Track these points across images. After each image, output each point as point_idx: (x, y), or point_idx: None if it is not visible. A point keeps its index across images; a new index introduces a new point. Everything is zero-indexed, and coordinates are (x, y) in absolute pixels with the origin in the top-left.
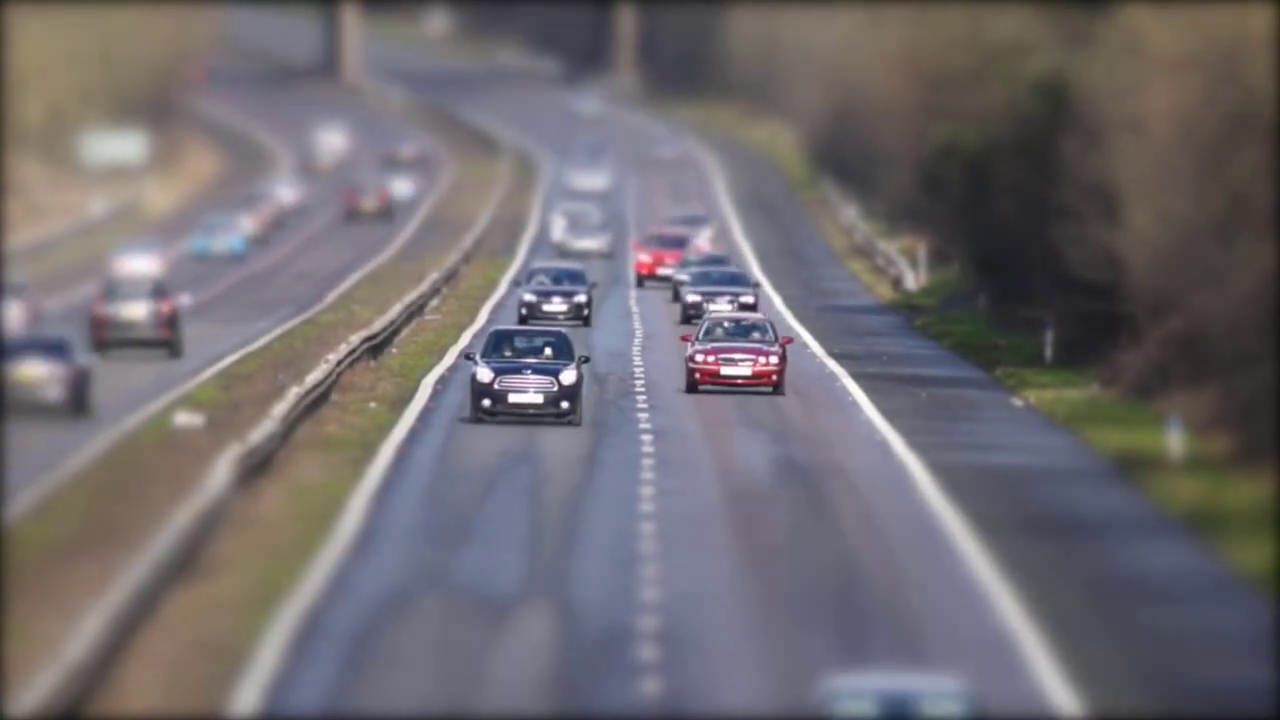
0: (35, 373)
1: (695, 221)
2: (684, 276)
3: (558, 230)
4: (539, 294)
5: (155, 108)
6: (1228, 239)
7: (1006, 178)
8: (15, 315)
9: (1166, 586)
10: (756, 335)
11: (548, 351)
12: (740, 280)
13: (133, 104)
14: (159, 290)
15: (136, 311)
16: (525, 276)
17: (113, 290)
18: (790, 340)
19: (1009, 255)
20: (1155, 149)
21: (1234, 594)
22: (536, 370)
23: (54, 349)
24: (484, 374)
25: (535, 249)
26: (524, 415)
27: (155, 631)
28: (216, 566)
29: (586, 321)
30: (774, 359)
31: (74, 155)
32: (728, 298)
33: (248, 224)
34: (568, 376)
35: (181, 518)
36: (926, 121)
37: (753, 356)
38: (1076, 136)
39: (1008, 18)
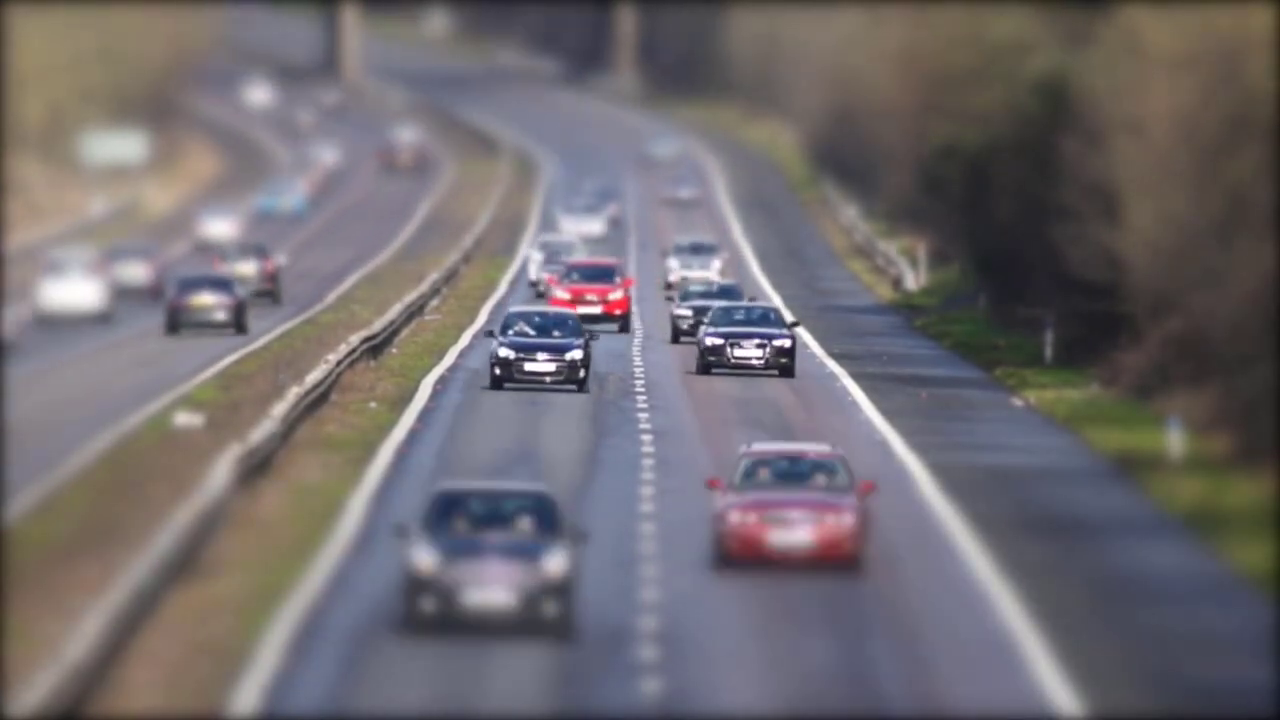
0: (208, 301)
1: (703, 251)
2: (683, 311)
3: (534, 268)
4: (518, 349)
5: (155, 108)
6: (1228, 239)
7: (1006, 178)
8: (140, 273)
9: (1166, 586)
10: (821, 479)
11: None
12: (773, 320)
13: (133, 104)
14: (261, 250)
15: (247, 269)
16: (500, 325)
17: (225, 254)
18: (873, 487)
19: (1009, 255)
20: (1155, 149)
21: (1234, 594)
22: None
23: (220, 284)
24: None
25: (513, 289)
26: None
27: (155, 631)
28: (216, 566)
29: (581, 386)
30: (848, 518)
31: (74, 155)
32: (756, 341)
33: (303, 186)
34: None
35: (181, 518)
36: (926, 121)
37: (816, 514)
38: (1076, 136)
39: (1008, 18)
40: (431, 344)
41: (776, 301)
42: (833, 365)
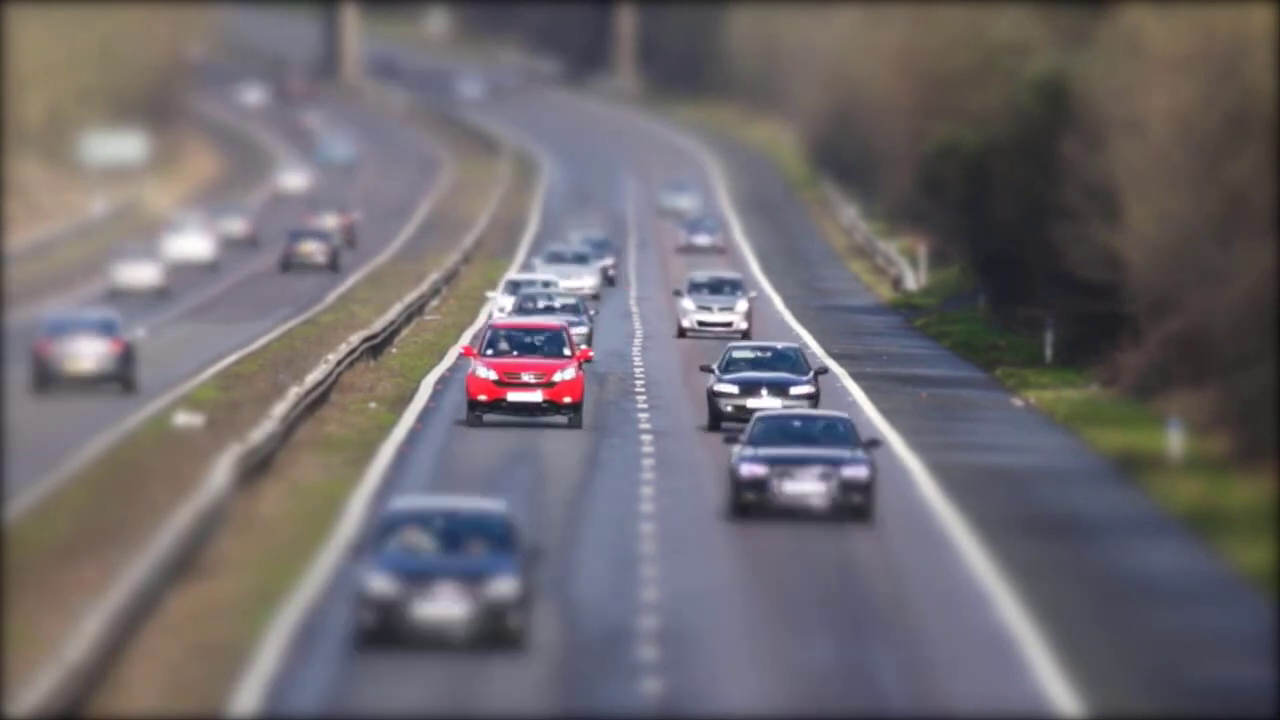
0: (311, 248)
1: (725, 289)
2: (728, 387)
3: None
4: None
5: (155, 108)
6: (1228, 239)
7: (1006, 178)
8: (240, 226)
9: (1166, 587)
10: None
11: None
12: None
13: (132, 104)
14: (340, 207)
15: (330, 222)
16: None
17: (314, 208)
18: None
19: (1009, 255)
20: (1155, 149)
21: (1234, 594)
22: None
23: (320, 235)
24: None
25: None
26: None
27: (155, 631)
28: (216, 566)
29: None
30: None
31: (74, 155)
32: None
33: (352, 144)
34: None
35: (181, 518)
36: (926, 121)
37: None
38: (1076, 136)
39: (1007, 18)
40: (432, 344)
41: (777, 303)
42: (833, 365)
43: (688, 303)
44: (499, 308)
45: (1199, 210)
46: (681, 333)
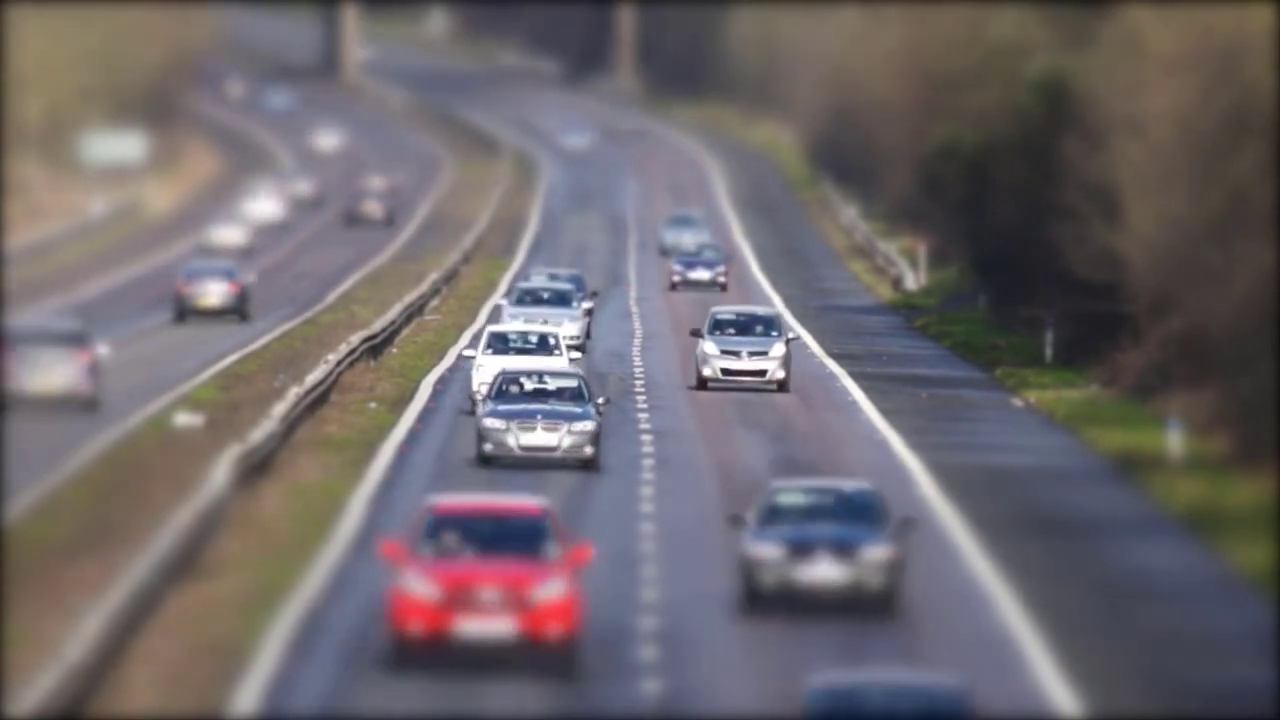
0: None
1: (757, 328)
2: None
3: (477, 377)
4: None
5: (155, 108)
6: (1228, 239)
7: (1006, 178)
8: (308, 188)
9: (1166, 586)
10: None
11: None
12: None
13: (133, 104)
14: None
15: (379, 181)
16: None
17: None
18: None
19: (1009, 255)
20: (1155, 149)
21: (1234, 594)
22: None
23: (380, 196)
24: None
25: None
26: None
27: (155, 631)
28: (216, 566)
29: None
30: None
31: (74, 155)
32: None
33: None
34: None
35: (182, 518)
36: (926, 121)
37: None
38: (1076, 136)
39: (1007, 18)
40: (432, 344)
41: (777, 303)
42: (833, 365)
43: (709, 346)
44: (478, 389)
45: (1199, 210)
46: (702, 383)
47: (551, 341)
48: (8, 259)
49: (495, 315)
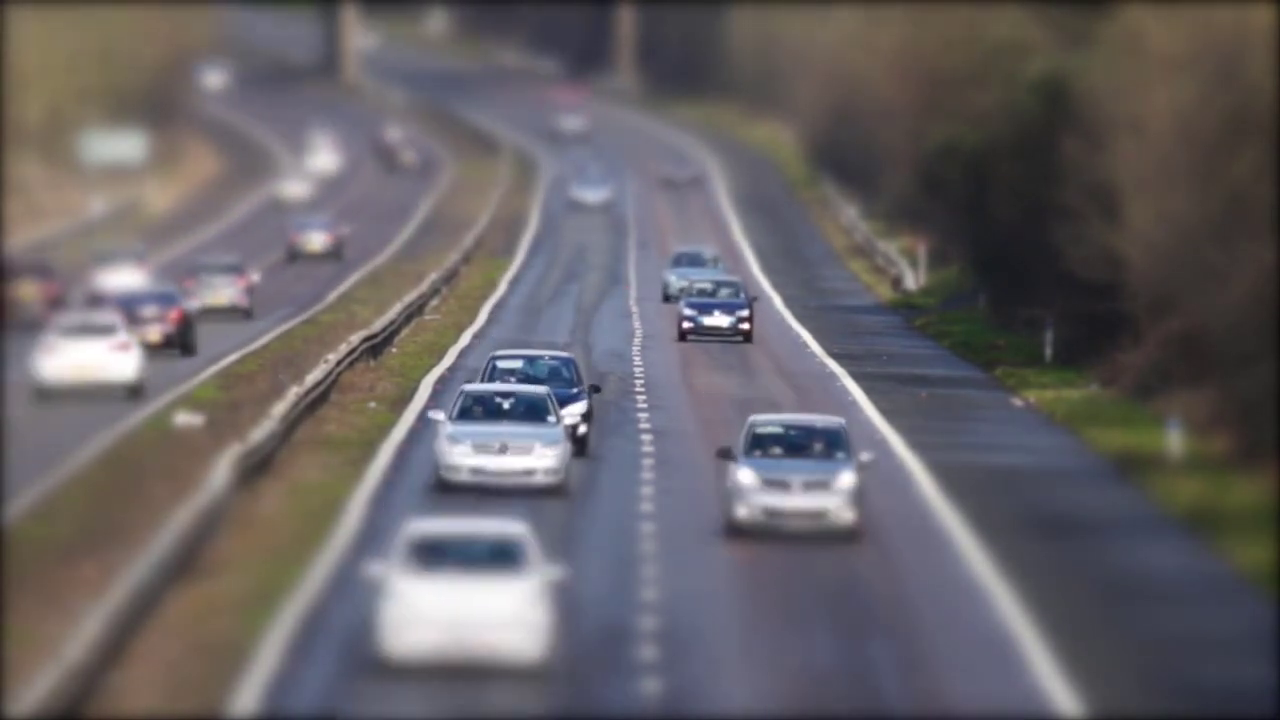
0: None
1: (816, 443)
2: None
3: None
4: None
5: (155, 108)
6: (1228, 239)
7: (1006, 178)
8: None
9: (1166, 586)
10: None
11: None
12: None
13: (132, 104)
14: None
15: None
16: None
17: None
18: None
19: (1009, 255)
20: (1155, 149)
21: (1234, 594)
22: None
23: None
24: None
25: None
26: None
27: (155, 631)
28: (216, 566)
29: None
30: None
31: (74, 155)
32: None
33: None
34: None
35: (181, 518)
36: (926, 121)
37: None
38: (1076, 136)
39: (1007, 18)
40: (431, 344)
41: (777, 303)
42: (833, 365)
43: (746, 475)
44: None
45: (1199, 210)
46: (736, 529)
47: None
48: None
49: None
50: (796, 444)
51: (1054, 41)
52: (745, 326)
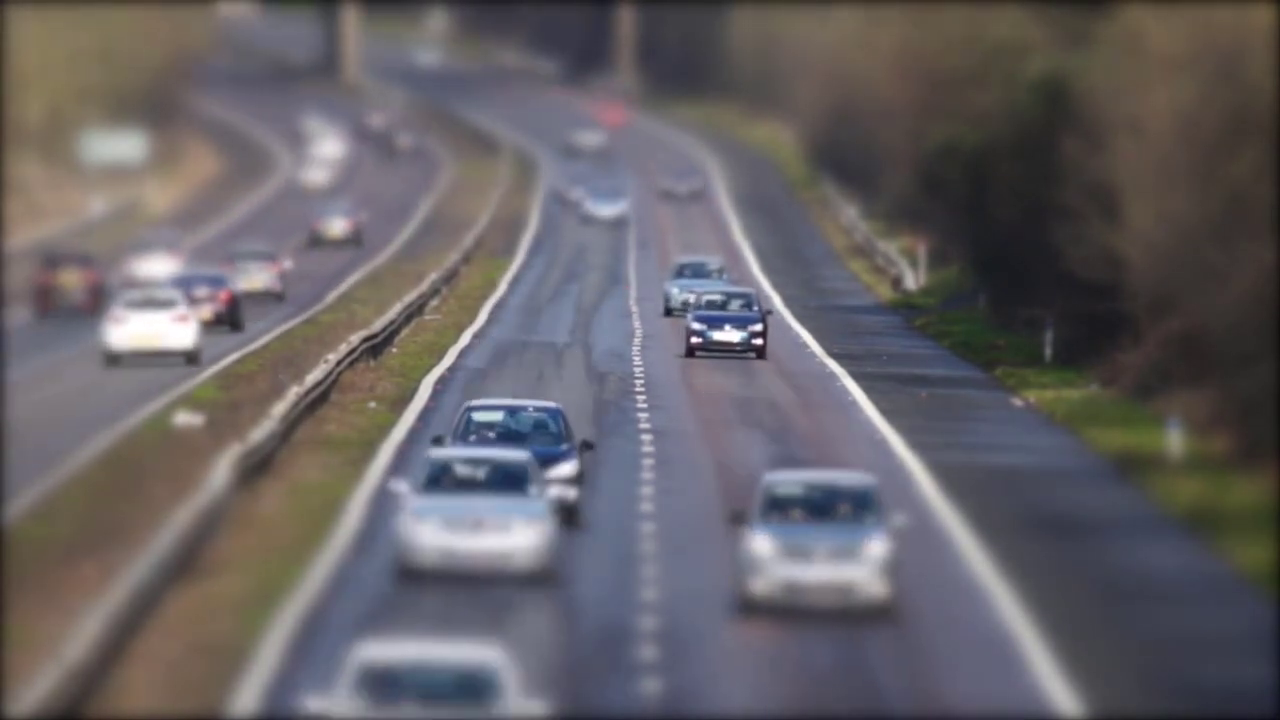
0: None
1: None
2: None
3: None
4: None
5: (155, 108)
6: (1228, 239)
7: (1006, 178)
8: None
9: (1166, 586)
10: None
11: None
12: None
13: (132, 104)
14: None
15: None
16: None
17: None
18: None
19: (1009, 255)
20: (1155, 149)
21: (1234, 594)
22: None
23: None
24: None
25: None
26: None
27: (155, 631)
28: (216, 566)
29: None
30: None
31: (74, 155)
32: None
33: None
34: None
35: (181, 518)
36: (926, 121)
37: None
38: (1076, 136)
39: (1007, 18)
40: (431, 344)
41: (777, 302)
42: (833, 365)
43: (762, 544)
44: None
45: (1199, 210)
46: (750, 604)
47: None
48: (8, 259)
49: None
50: (819, 506)
51: (1054, 41)
52: (759, 342)
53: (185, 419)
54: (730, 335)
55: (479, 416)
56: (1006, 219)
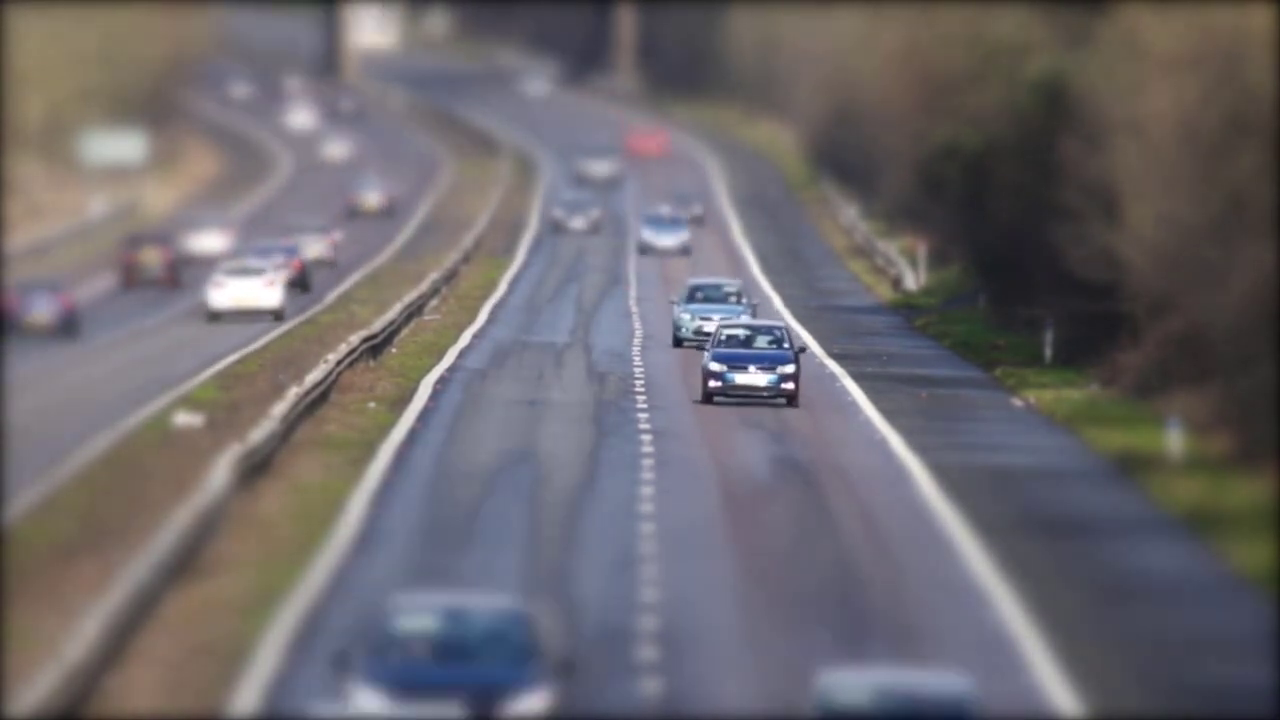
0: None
1: None
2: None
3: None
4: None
5: (155, 108)
6: (1228, 239)
7: (1006, 178)
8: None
9: (1166, 586)
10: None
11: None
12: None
13: (132, 104)
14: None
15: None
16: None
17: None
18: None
19: (1009, 255)
20: (1155, 149)
21: (1234, 594)
22: None
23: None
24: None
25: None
26: None
27: (155, 631)
28: (216, 566)
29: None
30: None
31: (74, 155)
32: None
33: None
34: None
35: (181, 518)
36: (926, 121)
37: None
38: (1076, 136)
39: (1007, 18)
40: (431, 344)
41: (777, 303)
42: (832, 365)
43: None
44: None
45: (1199, 210)
46: None
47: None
48: (8, 259)
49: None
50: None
51: (1054, 41)
52: (790, 387)
53: (185, 419)
54: (756, 378)
55: (409, 623)
56: (1006, 219)
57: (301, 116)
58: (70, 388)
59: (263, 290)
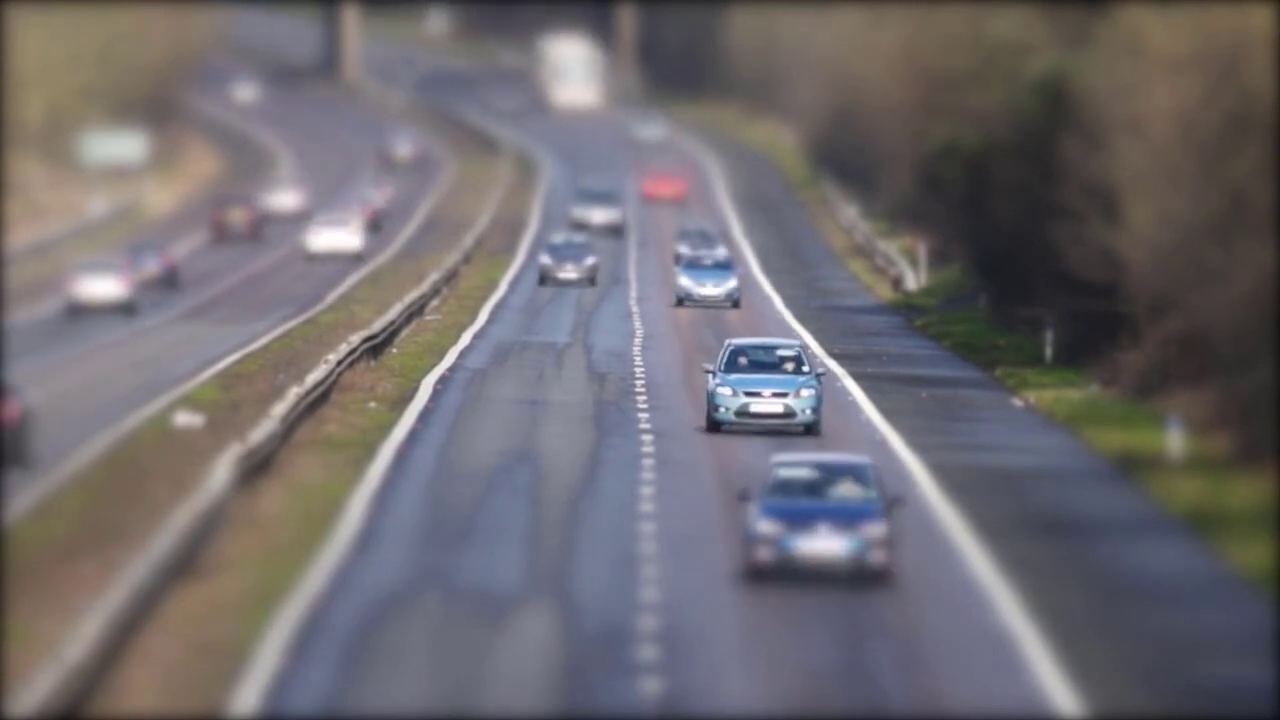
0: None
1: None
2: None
3: None
4: None
5: (155, 108)
6: (1228, 239)
7: (1006, 178)
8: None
9: (1166, 586)
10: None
11: None
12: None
13: (133, 104)
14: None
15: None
16: None
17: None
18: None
19: (1009, 255)
20: (1155, 149)
21: (1234, 594)
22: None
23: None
24: None
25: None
26: None
27: (155, 632)
28: (216, 566)
29: None
30: None
31: (74, 155)
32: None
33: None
34: None
35: (181, 518)
36: (926, 121)
37: None
38: (1076, 136)
39: (1007, 18)
40: (431, 344)
41: (777, 303)
42: (833, 365)
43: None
44: None
45: (1199, 210)
46: None
47: None
48: (8, 259)
49: None
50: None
51: (1054, 41)
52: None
53: (185, 419)
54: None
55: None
56: (1006, 219)
57: (245, 91)
58: (70, 388)
59: (348, 237)
